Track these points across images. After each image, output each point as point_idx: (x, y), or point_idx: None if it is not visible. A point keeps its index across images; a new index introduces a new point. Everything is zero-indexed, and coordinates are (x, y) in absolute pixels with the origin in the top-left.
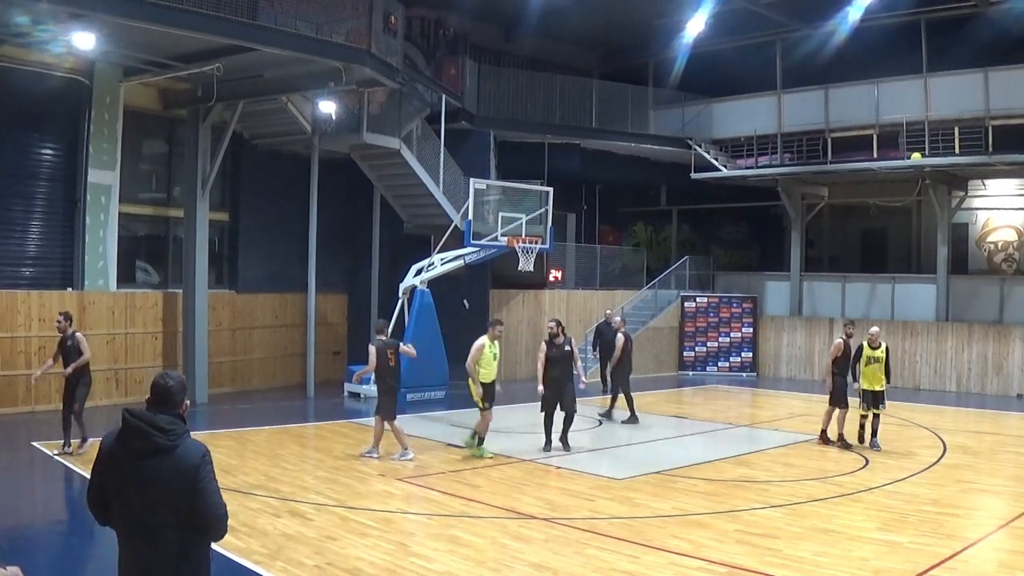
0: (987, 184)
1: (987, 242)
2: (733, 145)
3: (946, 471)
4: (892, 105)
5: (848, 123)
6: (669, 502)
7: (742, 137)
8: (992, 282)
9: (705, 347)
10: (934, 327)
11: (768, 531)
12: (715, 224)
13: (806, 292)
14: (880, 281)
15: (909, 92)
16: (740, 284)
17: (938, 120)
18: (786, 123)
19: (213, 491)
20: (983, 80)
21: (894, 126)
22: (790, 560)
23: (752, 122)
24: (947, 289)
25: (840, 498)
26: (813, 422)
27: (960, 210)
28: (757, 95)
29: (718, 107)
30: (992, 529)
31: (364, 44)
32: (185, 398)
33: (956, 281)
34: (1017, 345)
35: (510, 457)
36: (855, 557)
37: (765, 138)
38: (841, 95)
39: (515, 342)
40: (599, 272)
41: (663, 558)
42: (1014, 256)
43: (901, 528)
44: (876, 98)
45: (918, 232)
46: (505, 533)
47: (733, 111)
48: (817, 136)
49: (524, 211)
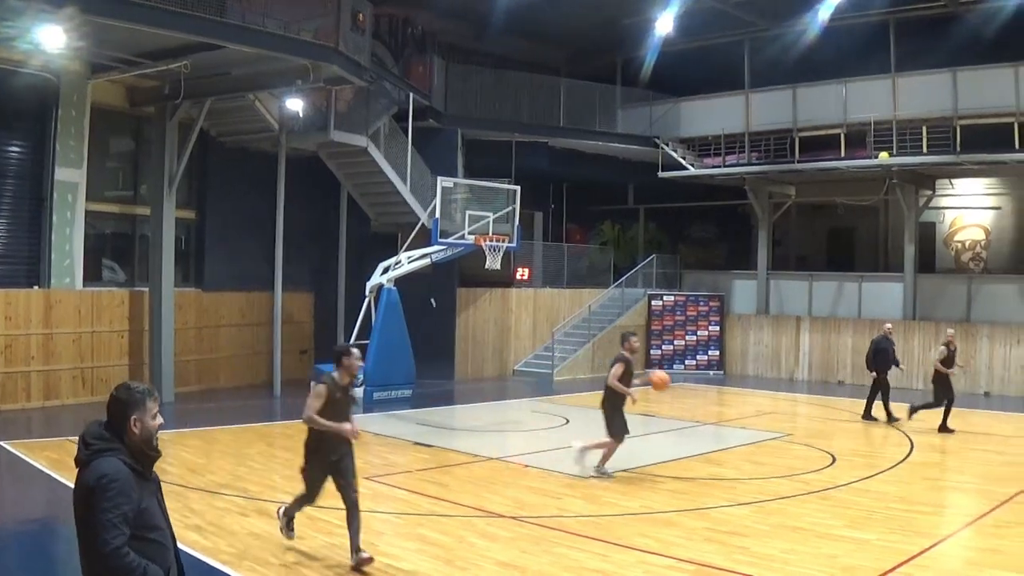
0: (955, 183)
1: (955, 241)
2: (701, 144)
3: (914, 469)
4: (860, 105)
5: (816, 122)
6: (637, 500)
7: (710, 136)
8: (959, 281)
9: (672, 345)
10: (901, 325)
11: (736, 529)
12: (682, 223)
13: (773, 291)
14: (847, 280)
15: (877, 92)
16: (707, 283)
17: (906, 120)
18: (754, 122)
19: (102, 523)
20: (951, 80)
21: (862, 125)
22: (758, 558)
23: (720, 121)
24: (914, 288)
25: (808, 496)
26: (780, 420)
27: (928, 209)
28: (725, 94)
29: (686, 106)
30: (960, 526)
31: (332, 42)
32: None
33: (923, 280)
34: (984, 343)
35: (477, 456)
36: (823, 554)
37: (733, 137)
38: (809, 95)
39: (482, 341)
40: (566, 271)
41: (632, 556)
42: (982, 255)
43: (869, 525)
44: (844, 98)
45: (885, 231)
46: (473, 532)
47: (701, 110)
48: (785, 135)
49: (491, 209)
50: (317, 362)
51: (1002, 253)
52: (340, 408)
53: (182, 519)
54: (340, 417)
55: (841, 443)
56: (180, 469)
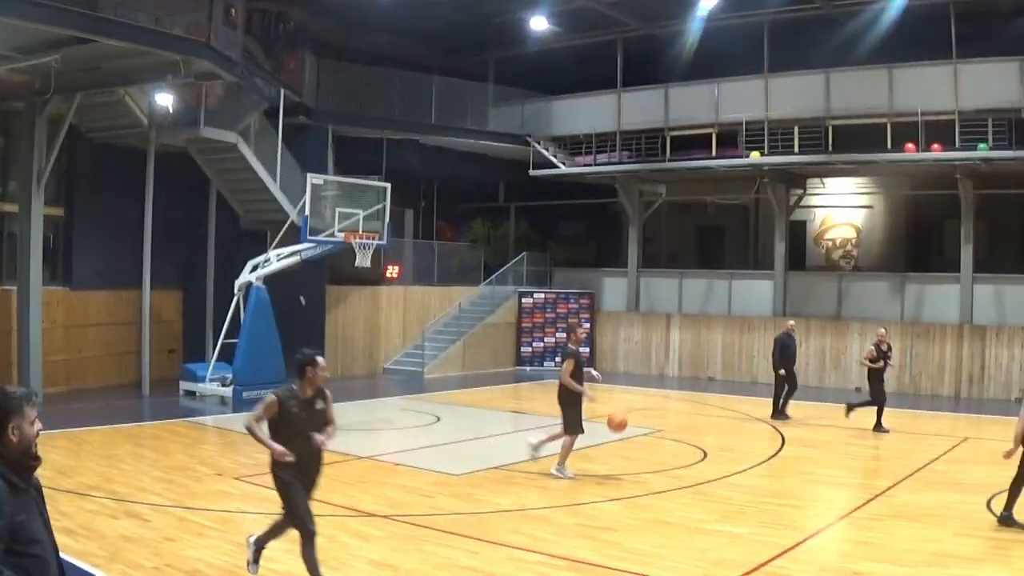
0: (826, 183)
1: (825, 239)
2: (572, 143)
3: (785, 463)
4: (732, 104)
5: (688, 122)
6: (508, 497)
7: (581, 135)
8: (830, 278)
9: (543, 343)
10: (771, 322)
11: (608, 524)
12: (553, 221)
13: (643, 288)
14: (717, 277)
15: (750, 92)
16: (578, 280)
17: (778, 120)
18: (626, 121)
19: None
20: (824, 81)
21: (734, 125)
22: (630, 553)
23: (592, 120)
24: (784, 285)
25: (679, 490)
26: (651, 416)
27: (798, 208)
28: (597, 93)
29: (558, 104)
30: (833, 520)
31: (204, 37)
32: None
33: (793, 277)
34: (855, 340)
35: (348, 455)
36: (695, 549)
37: (604, 136)
38: (681, 94)
39: (352, 339)
40: (437, 268)
41: (503, 553)
42: (852, 253)
43: (741, 519)
44: (716, 97)
45: (756, 229)
46: (345, 531)
47: (573, 109)
48: (656, 134)
49: (362, 207)
50: (185, 361)
51: (873, 251)
52: (297, 425)
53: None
54: (295, 436)
55: (712, 438)
56: (49, 471)
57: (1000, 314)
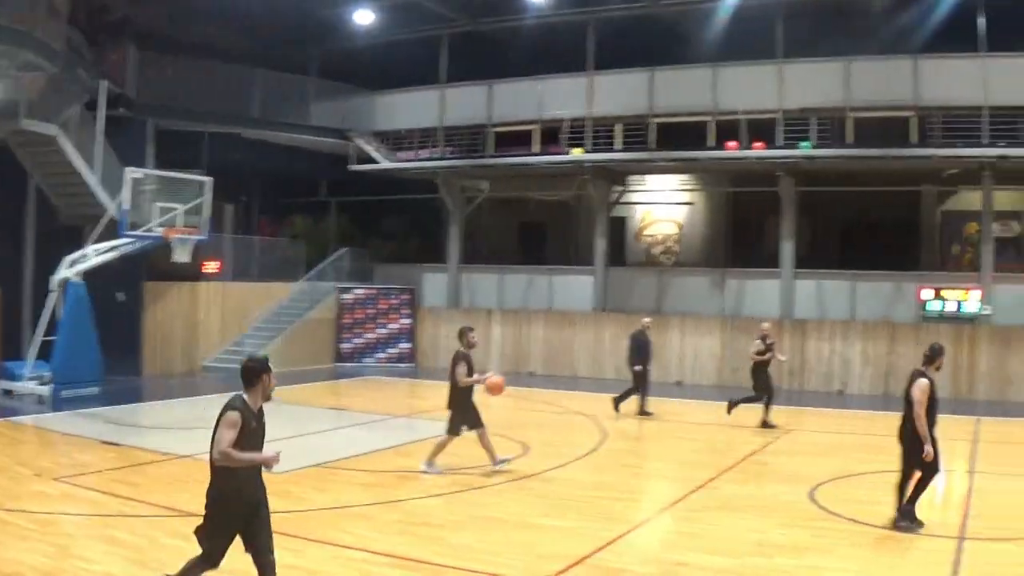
0: (647, 179)
1: (646, 235)
2: (395, 138)
3: (608, 456)
4: (556, 101)
5: (511, 118)
6: (330, 494)
7: (404, 130)
8: (650, 274)
9: (363, 339)
10: (592, 317)
11: (431, 520)
12: (375, 216)
13: (464, 284)
14: (538, 273)
15: (573, 89)
16: (399, 276)
17: (601, 117)
18: (449, 117)
19: None
20: (648, 80)
21: (557, 122)
22: (454, 548)
23: (415, 115)
24: (604, 281)
25: (502, 485)
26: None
27: (620, 204)
28: (421, 88)
29: (381, 99)
30: (656, 512)
31: (27, 27)
32: None
33: (614, 273)
34: (675, 334)
35: (168, 453)
36: (519, 543)
37: (428, 131)
38: (505, 91)
39: (171, 336)
40: (257, 264)
41: (326, 551)
42: (673, 249)
43: (564, 513)
44: (540, 94)
45: (577, 225)
46: (167, 532)
47: (397, 104)
48: (479, 130)
49: (182, 201)
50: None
51: (694, 247)
52: (254, 440)
53: None
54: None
55: (534, 433)
56: None
57: (821, 309)
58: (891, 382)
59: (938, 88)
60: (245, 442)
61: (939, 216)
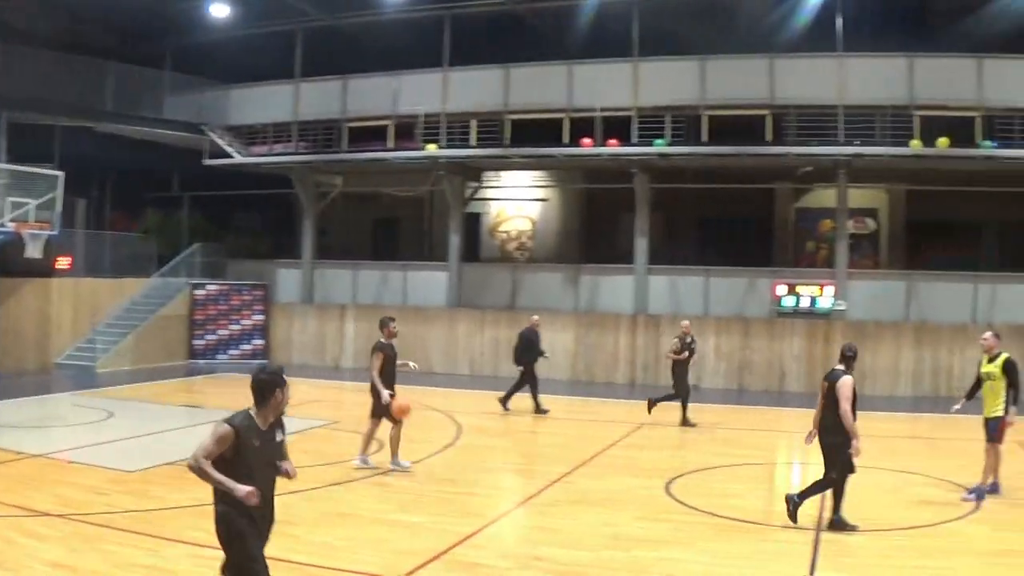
0: (502, 176)
1: (500, 231)
2: (249, 132)
3: (462, 452)
4: (411, 97)
5: (366, 113)
6: (185, 493)
7: (258, 124)
8: (504, 269)
9: (216, 335)
10: (446, 313)
11: (287, 517)
12: (228, 211)
13: (318, 279)
14: (392, 269)
15: (429, 85)
16: (252, 272)
17: (456, 113)
18: (304, 112)
19: None
20: (504, 76)
21: (411, 118)
22: (310, 546)
23: (270, 110)
24: (459, 276)
25: (357, 482)
26: (326, 407)
27: (474, 200)
28: (275, 83)
29: (236, 93)
30: (512, 506)
31: None
32: None
33: (468, 269)
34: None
35: (20, 452)
36: (376, 539)
37: (282, 126)
38: (360, 86)
39: (21, 333)
40: (109, 259)
41: (182, 550)
42: (527, 245)
43: (420, 508)
44: (395, 90)
45: (431, 221)
46: (20, 532)
47: (251, 98)
48: (334, 125)
49: (34, 196)
50: None
51: (548, 243)
52: (254, 463)
53: None
54: (247, 477)
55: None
56: None
57: (675, 304)
58: (745, 376)
59: (794, 87)
60: (239, 462)
61: (794, 213)
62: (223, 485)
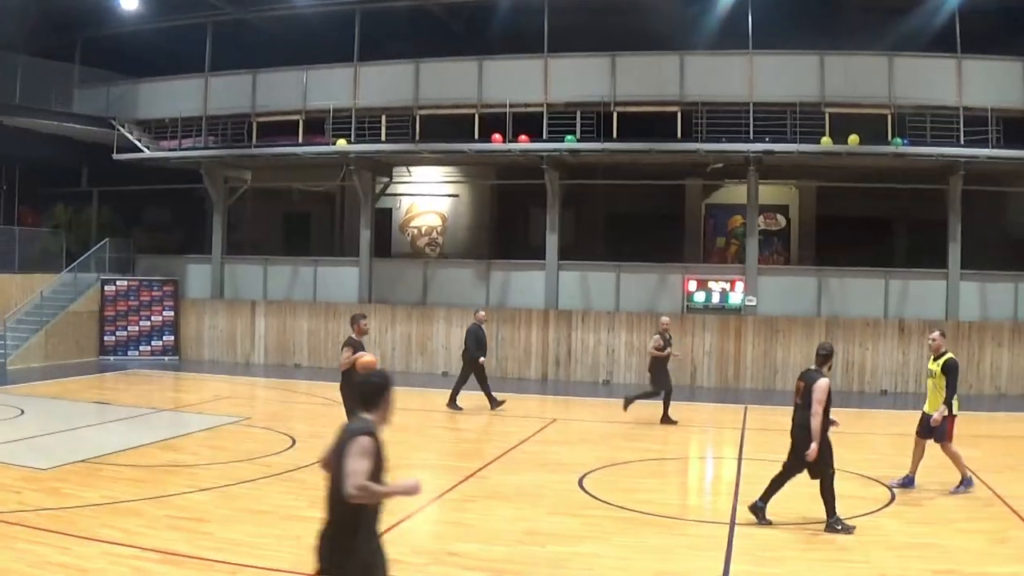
0: (412, 171)
1: (411, 227)
2: (159, 126)
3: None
4: (321, 92)
5: (276, 108)
6: (98, 491)
7: (167, 119)
8: (415, 265)
9: (126, 331)
10: (356, 308)
11: (200, 515)
12: (138, 206)
13: (228, 275)
14: (302, 264)
15: (339, 80)
16: (162, 267)
17: (367, 108)
18: (213, 106)
19: None
20: (414, 71)
21: (322, 112)
22: (224, 543)
23: (179, 104)
24: (370, 272)
25: (270, 478)
26: (238, 404)
27: (385, 196)
28: (185, 77)
29: (146, 87)
30: (426, 502)
31: None
32: None
33: (379, 264)
34: (441, 325)
35: None
36: (289, 536)
37: (191, 120)
38: (270, 80)
39: None
40: (18, 255)
41: (95, 548)
42: (438, 240)
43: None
44: (305, 84)
45: (341, 216)
46: None
47: (161, 92)
48: (244, 120)
49: None
50: None
51: (458, 239)
52: (381, 473)
53: None
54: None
55: (300, 425)
56: None
57: (585, 299)
58: None
59: (704, 84)
60: (379, 472)
61: (704, 209)
62: (393, 493)
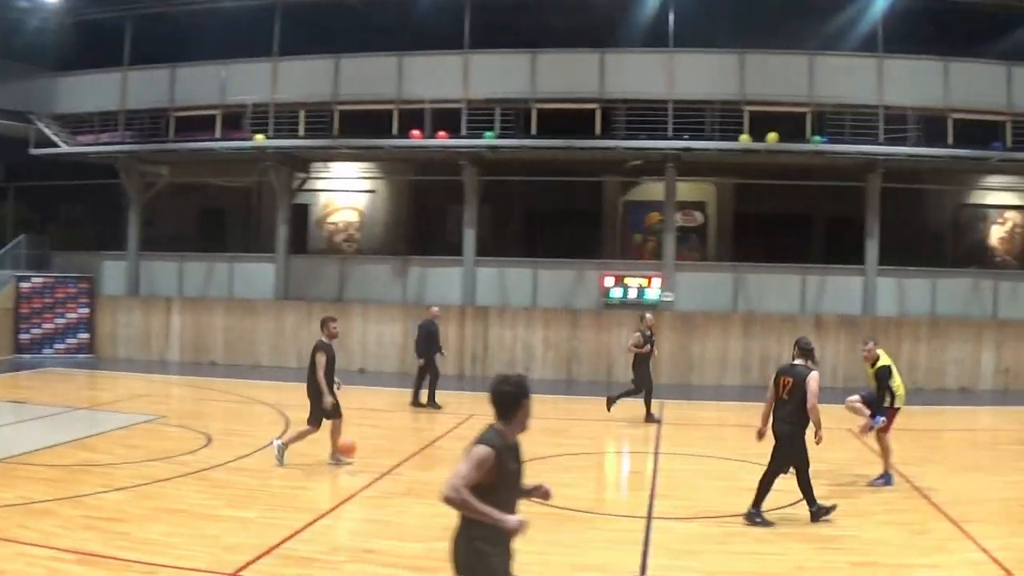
0: (330, 167)
1: (328, 223)
2: (76, 121)
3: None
4: (239, 86)
5: (193, 103)
6: (12, 491)
7: (85, 113)
8: (332, 261)
9: (42, 329)
10: (273, 305)
11: (115, 515)
12: (53, 202)
13: (144, 271)
14: (218, 260)
15: (258, 74)
16: (78, 264)
17: (285, 103)
18: (131, 100)
19: None
20: (334, 66)
21: (240, 107)
22: (139, 543)
23: (98, 98)
24: (286, 268)
25: (185, 477)
26: (153, 402)
27: (302, 191)
28: (103, 71)
29: (64, 81)
30: (342, 500)
31: None
32: None
33: (296, 260)
34: (358, 322)
35: None
36: (206, 535)
37: (109, 115)
38: (188, 74)
39: None
40: None
41: (11, 549)
42: (355, 236)
43: (250, 504)
44: (223, 79)
45: (258, 212)
46: None
47: (79, 86)
48: (162, 114)
49: None
50: None
51: (375, 235)
52: (510, 486)
53: None
54: (503, 502)
55: (216, 423)
56: None
57: (503, 295)
58: (573, 367)
59: (624, 81)
60: (502, 488)
61: (622, 206)
62: (489, 517)
